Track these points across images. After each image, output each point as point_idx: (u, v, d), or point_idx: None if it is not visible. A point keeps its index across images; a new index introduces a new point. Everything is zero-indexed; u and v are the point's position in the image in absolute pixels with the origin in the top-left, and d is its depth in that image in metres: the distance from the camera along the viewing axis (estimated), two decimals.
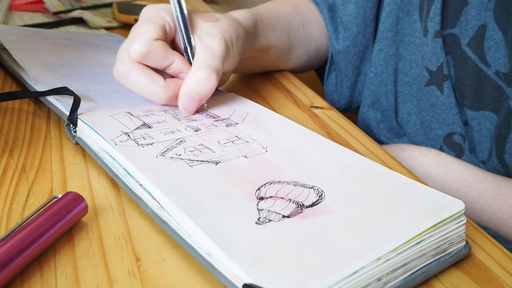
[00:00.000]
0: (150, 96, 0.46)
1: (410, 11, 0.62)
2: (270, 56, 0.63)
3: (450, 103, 0.58)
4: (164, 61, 0.45)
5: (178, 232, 0.31)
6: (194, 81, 0.44)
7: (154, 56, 0.44)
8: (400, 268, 0.30)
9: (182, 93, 0.45)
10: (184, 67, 0.46)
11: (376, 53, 0.66)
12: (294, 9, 0.68)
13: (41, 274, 0.29)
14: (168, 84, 0.45)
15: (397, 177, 0.37)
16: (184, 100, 0.45)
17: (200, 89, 0.44)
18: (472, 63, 0.55)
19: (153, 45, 0.44)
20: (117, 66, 0.45)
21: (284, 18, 0.65)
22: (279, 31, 0.63)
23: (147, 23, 0.45)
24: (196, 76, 0.45)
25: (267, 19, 0.61)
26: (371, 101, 0.69)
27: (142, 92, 0.45)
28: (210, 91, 0.45)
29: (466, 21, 0.55)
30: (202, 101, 0.46)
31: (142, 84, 0.44)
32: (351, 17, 0.67)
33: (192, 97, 0.45)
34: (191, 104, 0.45)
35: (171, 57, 0.45)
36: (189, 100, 0.45)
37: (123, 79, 0.45)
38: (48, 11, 0.80)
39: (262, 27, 0.59)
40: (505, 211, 0.53)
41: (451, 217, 0.32)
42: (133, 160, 0.36)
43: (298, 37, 0.66)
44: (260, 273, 0.27)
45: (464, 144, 0.59)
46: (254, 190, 0.34)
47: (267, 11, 0.63)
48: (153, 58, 0.44)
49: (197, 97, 0.45)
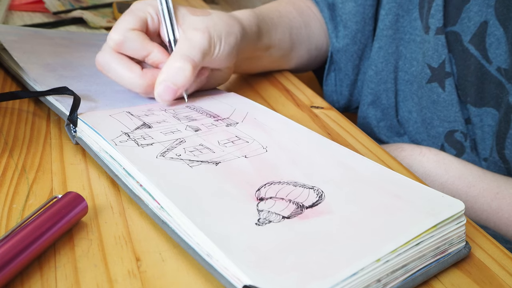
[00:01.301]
0: (128, 85, 0.47)
1: (410, 9, 0.63)
2: (272, 56, 0.63)
3: (452, 100, 0.58)
4: (142, 50, 0.47)
5: (178, 233, 0.31)
6: (169, 70, 0.45)
7: (130, 45, 0.46)
8: (399, 269, 0.30)
9: (157, 82, 0.46)
10: (163, 58, 0.47)
11: (375, 51, 0.66)
12: (295, 9, 0.68)
13: (41, 274, 0.29)
14: (145, 73, 0.46)
15: (397, 177, 0.37)
16: (159, 89, 0.46)
17: (175, 78, 0.45)
18: (474, 59, 0.56)
19: (129, 34, 0.46)
20: (98, 56, 0.47)
21: (286, 18, 0.65)
22: (281, 31, 0.63)
23: (127, 15, 0.47)
24: (172, 66, 0.46)
25: (269, 19, 0.61)
26: (371, 99, 0.69)
27: (120, 81, 0.47)
28: (185, 81, 0.46)
29: (467, 18, 0.56)
30: (178, 91, 0.46)
31: (119, 72, 0.46)
32: (350, 15, 0.67)
33: (168, 86, 0.45)
34: (166, 93, 0.46)
35: (149, 47, 0.47)
36: (164, 89, 0.46)
37: (103, 69, 0.47)
38: (48, 11, 0.80)
39: (265, 27, 0.59)
40: (505, 210, 0.53)
41: (451, 218, 0.32)
42: (133, 161, 0.36)
43: (300, 36, 0.66)
44: (260, 274, 0.27)
45: (465, 142, 0.59)
46: (254, 191, 0.34)
47: (268, 11, 0.63)
48: (130, 47, 0.46)
49: (173, 87, 0.45)
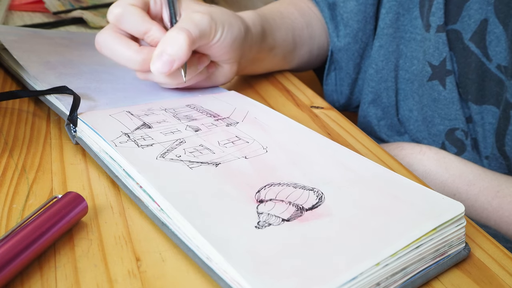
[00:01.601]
0: (124, 61, 0.47)
1: (411, 7, 0.63)
2: (276, 57, 0.63)
3: (453, 98, 0.59)
4: (140, 26, 0.47)
5: (178, 235, 0.31)
6: (164, 40, 0.45)
7: (129, 19, 0.46)
8: (399, 273, 0.30)
9: (154, 55, 0.46)
10: (162, 36, 0.47)
11: (376, 49, 0.66)
12: (296, 10, 0.68)
13: (41, 274, 0.29)
14: (142, 48, 0.46)
15: (397, 178, 0.37)
16: (154, 60, 0.45)
17: (170, 48, 0.45)
18: (475, 57, 0.56)
19: (128, 8, 0.46)
20: (97, 35, 0.48)
21: (288, 19, 0.65)
22: (285, 32, 0.63)
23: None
24: (167, 36, 0.45)
25: (272, 20, 0.61)
26: (371, 98, 0.69)
27: (117, 57, 0.47)
28: (179, 52, 0.45)
29: (468, 15, 0.56)
30: (174, 64, 0.45)
31: (117, 49, 0.46)
32: (352, 14, 0.67)
33: (162, 56, 0.45)
34: (161, 63, 0.45)
35: (148, 24, 0.47)
36: (159, 59, 0.45)
37: (101, 47, 0.47)
38: (48, 11, 0.80)
39: (268, 27, 0.59)
40: (506, 208, 0.53)
41: (451, 220, 0.32)
42: (133, 162, 0.36)
43: (303, 37, 0.67)
44: (260, 279, 0.26)
45: (466, 140, 0.59)
46: (254, 193, 0.34)
47: (270, 12, 0.63)
48: (129, 21, 0.47)
49: (167, 57, 0.45)
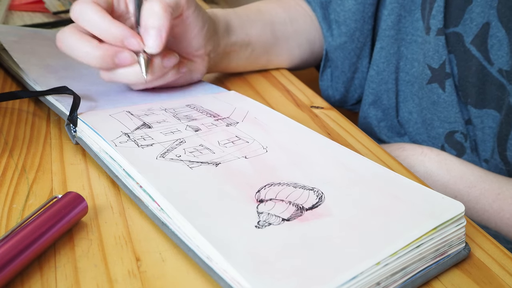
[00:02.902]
0: (84, 57, 0.45)
1: (412, 9, 0.63)
2: (255, 51, 0.63)
3: (452, 101, 0.58)
4: (100, 24, 0.45)
5: (178, 235, 0.31)
6: (143, 16, 0.45)
7: (87, 17, 0.44)
8: (399, 272, 0.30)
9: (141, 34, 0.45)
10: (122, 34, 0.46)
11: (377, 51, 0.66)
12: (279, 6, 0.69)
13: (41, 274, 0.29)
14: (101, 45, 0.45)
15: (397, 178, 0.37)
16: (146, 39, 0.45)
17: (151, 20, 0.44)
18: (476, 61, 0.56)
19: (89, 6, 0.44)
20: (58, 33, 0.46)
21: (267, 14, 0.65)
22: (261, 26, 0.63)
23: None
24: (144, 12, 0.45)
25: (244, 15, 0.62)
26: (372, 99, 0.69)
27: (76, 54, 0.45)
28: (161, 19, 0.44)
29: (470, 19, 0.56)
30: (162, 33, 0.45)
31: (75, 45, 0.45)
32: (350, 13, 0.67)
33: (147, 32, 0.45)
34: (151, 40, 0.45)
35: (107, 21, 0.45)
36: (147, 37, 0.45)
37: (62, 45, 0.46)
38: (48, 11, 0.80)
39: (238, 22, 0.60)
40: (507, 210, 0.53)
41: (451, 220, 0.32)
42: (133, 162, 0.36)
43: (286, 31, 0.67)
44: (260, 279, 0.26)
45: (465, 143, 0.59)
46: (254, 193, 0.34)
47: (245, 9, 0.64)
48: (87, 20, 0.45)
49: (153, 30, 0.45)
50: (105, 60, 0.45)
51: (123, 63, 0.46)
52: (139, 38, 0.45)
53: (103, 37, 0.45)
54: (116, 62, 0.45)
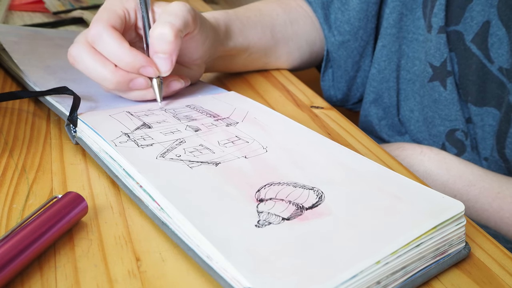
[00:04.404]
0: (99, 79, 0.45)
1: (414, 8, 0.63)
2: (254, 54, 0.63)
3: (453, 99, 0.59)
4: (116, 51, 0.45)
5: (178, 235, 0.31)
6: (152, 40, 0.45)
7: (106, 42, 0.44)
8: (399, 271, 0.30)
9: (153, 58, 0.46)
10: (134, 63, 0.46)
11: (379, 49, 0.66)
12: (280, 6, 0.68)
13: (41, 274, 0.29)
14: (117, 70, 0.45)
15: (397, 177, 0.37)
16: (157, 63, 0.45)
17: (160, 45, 0.45)
18: (476, 59, 0.56)
19: (107, 31, 0.44)
20: (72, 48, 0.46)
21: (267, 16, 0.65)
22: (261, 29, 0.63)
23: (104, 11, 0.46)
24: (153, 35, 0.45)
25: (245, 18, 0.61)
26: (373, 98, 0.69)
27: (92, 75, 0.45)
28: (168, 47, 0.45)
29: (470, 17, 0.56)
30: (172, 57, 0.45)
31: (92, 66, 0.45)
32: (354, 12, 0.67)
33: (157, 57, 0.45)
34: (161, 65, 0.46)
35: (123, 50, 0.45)
36: (157, 60, 0.45)
37: (75, 62, 0.45)
38: (48, 11, 0.80)
39: (238, 26, 0.59)
40: (506, 209, 0.53)
41: (451, 219, 0.32)
42: (133, 162, 0.36)
43: (286, 33, 0.67)
44: (260, 278, 0.26)
45: (466, 141, 0.60)
46: (254, 192, 0.34)
47: (245, 10, 0.64)
48: (105, 45, 0.45)
49: (162, 56, 0.45)
50: (120, 85, 0.46)
51: (138, 88, 0.47)
52: (154, 66, 0.46)
53: (120, 65, 0.45)
54: (131, 87, 0.46)
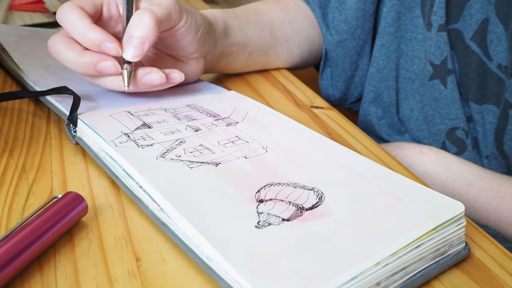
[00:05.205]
0: (69, 63, 0.45)
1: (412, 6, 0.63)
2: (255, 52, 0.63)
3: (454, 97, 0.59)
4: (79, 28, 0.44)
5: (178, 235, 0.31)
6: (131, 24, 0.44)
7: (69, 20, 0.44)
8: (399, 272, 0.30)
9: (123, 41, 0.44)
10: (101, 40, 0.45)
11: (377, 48, 0.66)
12: (278, 6, 0.68)
13: (41, 274, 0.29)
14: (85, 52, 0.44)
15: (397, 178, 0.37)
16: (125, 46, 0.44)
17: (137, 29, 0.44)
18: (476, 56, 0.56)
19: (72, 10, 0.44)
20: (49, 39, 0.46)
21: (266, 15, 0.65)
22: (260, 28, 0.63)
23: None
24: (133, 19, 0.44)
25: (244, 16, 0.62)
26: (372, 97, 0.69)
27: (63, 60, 0.45)
28: (147, 30, 0.44)
29: (469, 15, 0.56)
30: (145, 44, 0.44)
31: (62, 52, 0.45)
32: (351, 11, 0.67)
33: (130, 40, 0.44)
34: (132, 48, 0.44)
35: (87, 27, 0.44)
36: (128, 44, 0.44)
37: (51, 51, 0.46)
38: (48, 11, 0.80)
39: (236, 23, 0.59)
40: (505, 209, 0.53)
41: (451, 220, 0.32)
42: (133, 162, 0.36)
43: (285, 31, 0.67)
44: (260, 279, 0.26)
45: (467, 140, 0.60)
46: (254, 193, 0.34)
47: (243, 10, 0.64)
48: (69, 23, 0.44)
49: (137, 40, 0.44)
50: (87, 67, 0.44)
51: (106, 72, 0.45)
52: (117, 43, 0.44)
53: (81, 40, 0.44)
54: (99, 70, 0.44)
